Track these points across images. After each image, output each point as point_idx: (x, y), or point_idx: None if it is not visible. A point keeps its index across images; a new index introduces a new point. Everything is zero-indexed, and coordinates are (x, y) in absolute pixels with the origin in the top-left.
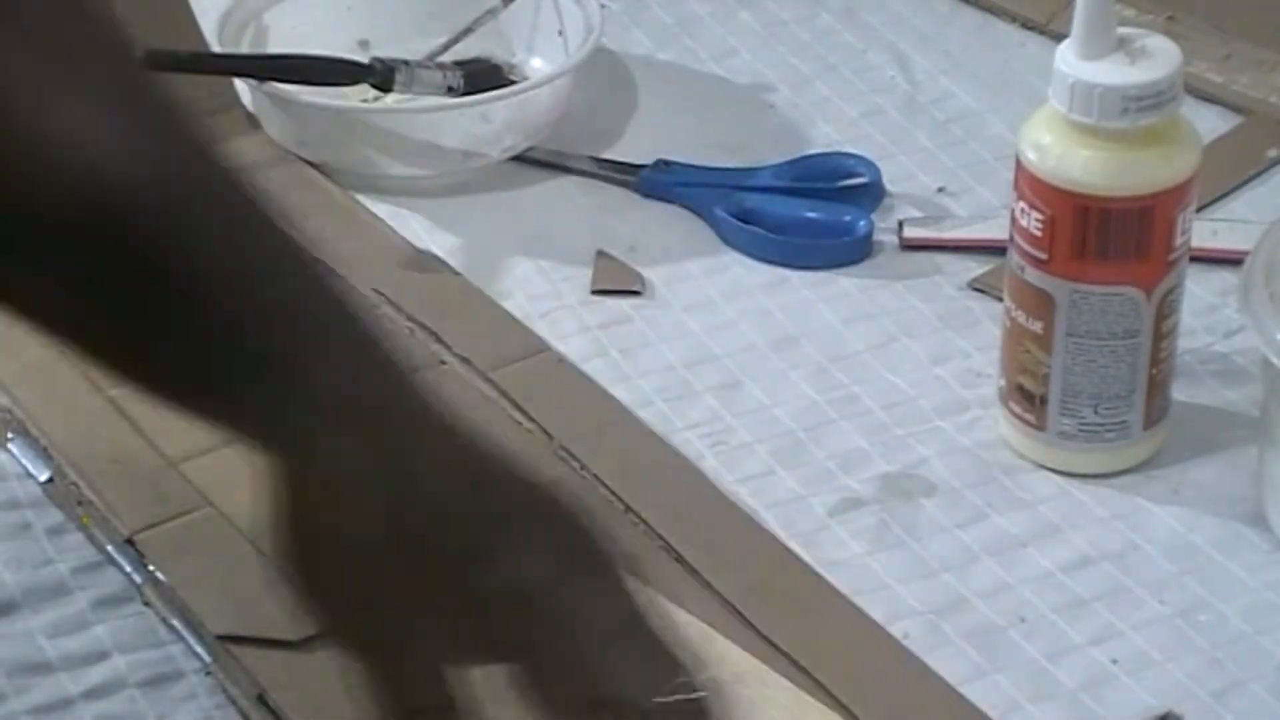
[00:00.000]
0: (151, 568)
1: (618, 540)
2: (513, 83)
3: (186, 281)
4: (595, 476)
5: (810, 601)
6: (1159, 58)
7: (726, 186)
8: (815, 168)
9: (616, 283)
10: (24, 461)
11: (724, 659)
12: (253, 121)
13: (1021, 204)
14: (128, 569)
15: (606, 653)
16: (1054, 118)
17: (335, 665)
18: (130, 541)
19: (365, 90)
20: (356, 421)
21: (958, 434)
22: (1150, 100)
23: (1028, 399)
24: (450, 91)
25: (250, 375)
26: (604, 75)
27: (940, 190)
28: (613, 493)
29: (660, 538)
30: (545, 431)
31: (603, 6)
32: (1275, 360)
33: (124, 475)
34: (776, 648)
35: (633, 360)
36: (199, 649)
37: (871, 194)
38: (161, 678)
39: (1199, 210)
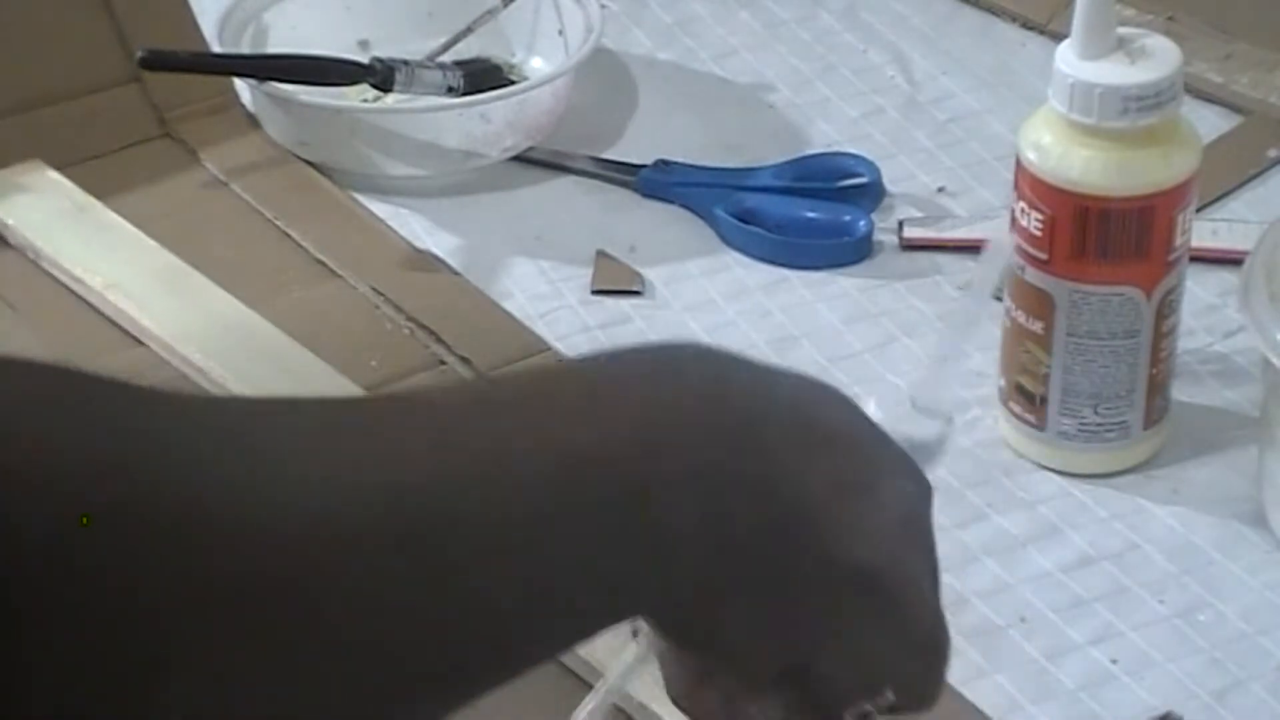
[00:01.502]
0: None
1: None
2: (513, 83)
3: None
4: None
5: None
6: (1159, 58)
7: (726, 186)
8: (815, 168)
9: (616, 283)
10: None
11: None
12: (253, 121)
13: (1021, 204)
14: None
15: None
16: (1054, 118)
17: None
18: None
19: (365, 90)
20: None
21: (958, 434)
22: (1150, 100)
23: (1028, 399)
24: (450, 91)
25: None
26: (604, 75)
27: (940, 190)
28: None
29: None
30: None
31: (603, 6)
32: (1275, 360)
33: None
34: None
35: None
36: None
37: (871, 194)
38: None
39: (1199, 210)
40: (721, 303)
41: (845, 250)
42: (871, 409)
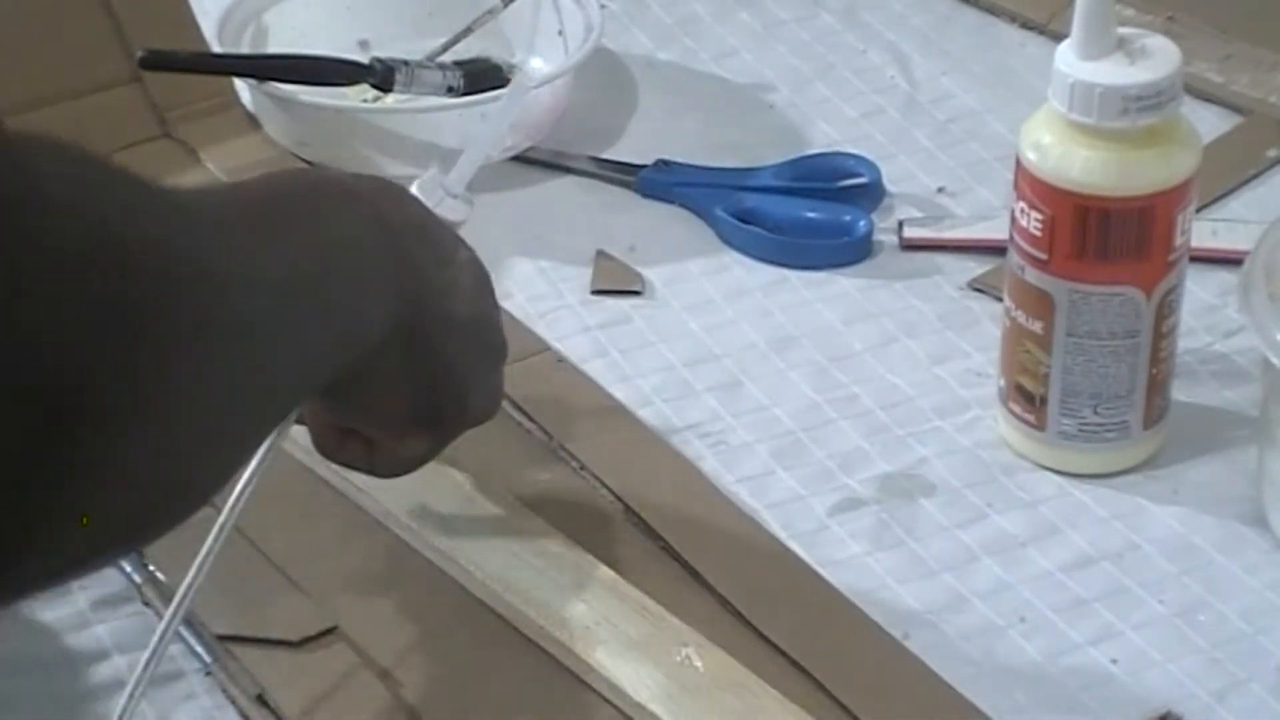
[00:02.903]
0: (151, 568)
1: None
2: None
3: None
4: (595, 476)
5: (810, 601)
6: (1159, 58)
7: (726, 186)
8: (815, 168)
9: (616, 283)
10: None
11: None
12: (253, 121)
13: (1021, 204)
14: (127, 569)
15: None
16: (1054, 118)
17: (335, 665)
18: None
19: (365, 90)
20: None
21: (958, 434)
22: (1150, 100)
23: (1028, 399)
24: (450, 91)
25: None
26: (604, 75)
27: (940, 190)
28: (613, 493)
29: (660, 538)
30: (545, 431)
31: (603, 6)
32: (1275, 360)
33: None
34: (776, 648)
35: (633, 360)
36: (199, 649)
37: (871, 194)
38: (161, 677)
39: (1199, 210)
40: (721, 303)
41: (845, 250)
42: (414, 189)
